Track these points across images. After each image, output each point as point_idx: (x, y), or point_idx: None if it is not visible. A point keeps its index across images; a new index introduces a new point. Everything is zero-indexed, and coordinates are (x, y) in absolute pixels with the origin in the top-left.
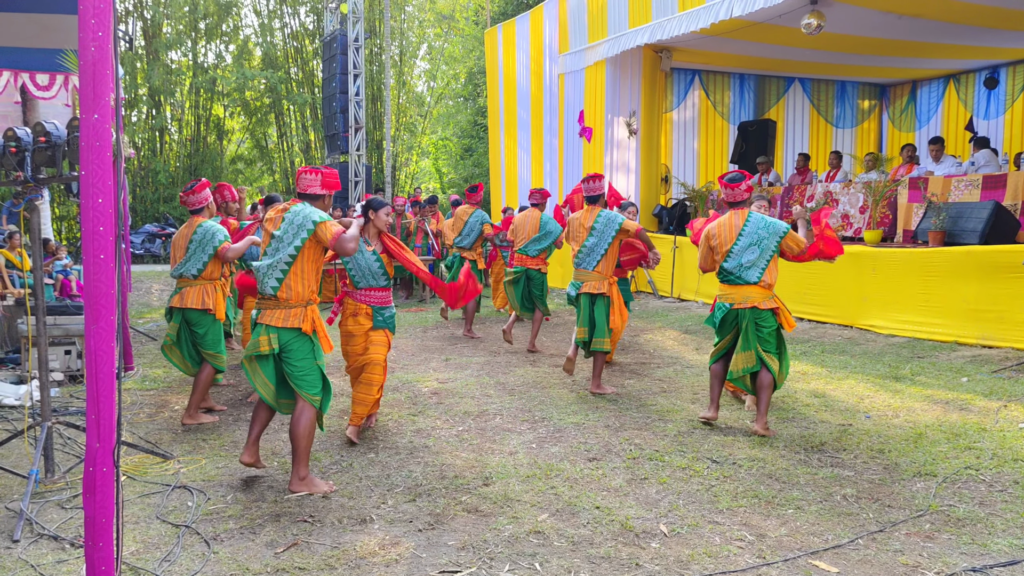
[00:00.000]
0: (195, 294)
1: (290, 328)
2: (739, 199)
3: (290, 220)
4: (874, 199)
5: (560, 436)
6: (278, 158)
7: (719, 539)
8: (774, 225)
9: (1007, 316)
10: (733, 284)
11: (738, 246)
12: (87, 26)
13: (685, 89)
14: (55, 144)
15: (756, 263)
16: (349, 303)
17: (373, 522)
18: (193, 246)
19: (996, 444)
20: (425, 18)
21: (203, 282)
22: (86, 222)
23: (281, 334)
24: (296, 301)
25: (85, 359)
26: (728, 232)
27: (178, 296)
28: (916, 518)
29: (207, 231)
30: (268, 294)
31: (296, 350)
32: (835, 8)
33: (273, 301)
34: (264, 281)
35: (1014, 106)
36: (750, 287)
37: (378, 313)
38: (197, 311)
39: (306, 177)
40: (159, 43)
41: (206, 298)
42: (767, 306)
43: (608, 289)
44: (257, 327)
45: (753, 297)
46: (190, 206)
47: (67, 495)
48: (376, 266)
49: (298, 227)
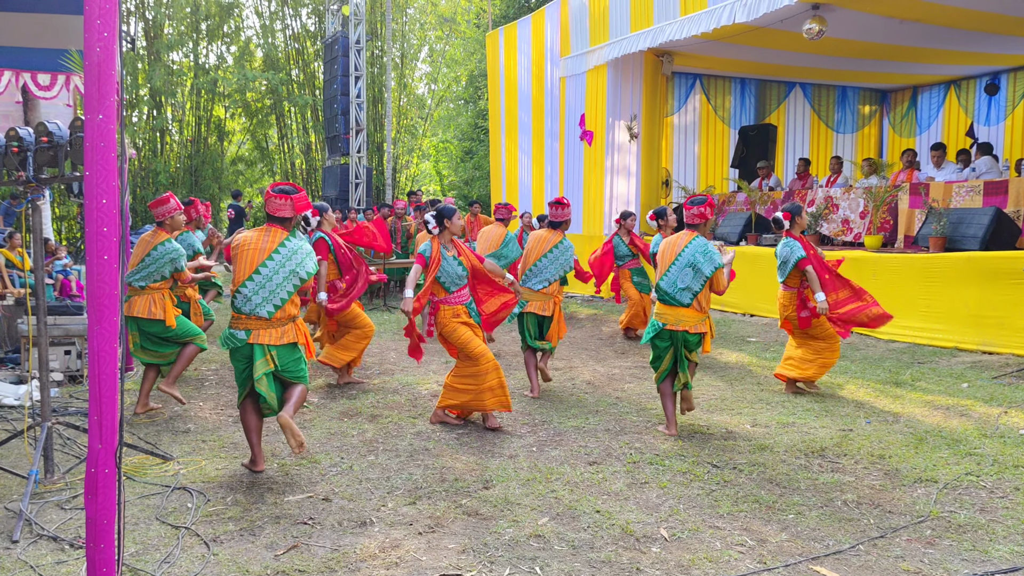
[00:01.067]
0: (143, 303)
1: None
2: (691, 221)
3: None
4: (875, 204)
5: (560, 440)
6: (279, 159)
7: (720, 544)
8: (713, 255)
9: (1007, 322)
10: (667, 304)
11: (675, 266)
12: (92, 27)
13: (686, 93)
14: (57, 144)
15: (690, 286)
16: (446, 309)
17: (373, 525)
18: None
19: (997, 450)
20: (427, 21)
21: (151, 292)
22: (90, 223)
23: (279, 351)
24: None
25: (88, 360)
26: (671, 251)
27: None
28: (917, 524)
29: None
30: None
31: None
32: (837, 13)
33: (266, 322)
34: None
35: (1015, 112)
36: (683, 309)
37: (471, 309)
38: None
39: (275, 201)
40: (160, 44)
41: (153, 307)
42: (699, 329)
43: (553, 309)
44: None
45: (685, 320)
46: (157, 217)
47: (67, 496)
48: (460, 270)
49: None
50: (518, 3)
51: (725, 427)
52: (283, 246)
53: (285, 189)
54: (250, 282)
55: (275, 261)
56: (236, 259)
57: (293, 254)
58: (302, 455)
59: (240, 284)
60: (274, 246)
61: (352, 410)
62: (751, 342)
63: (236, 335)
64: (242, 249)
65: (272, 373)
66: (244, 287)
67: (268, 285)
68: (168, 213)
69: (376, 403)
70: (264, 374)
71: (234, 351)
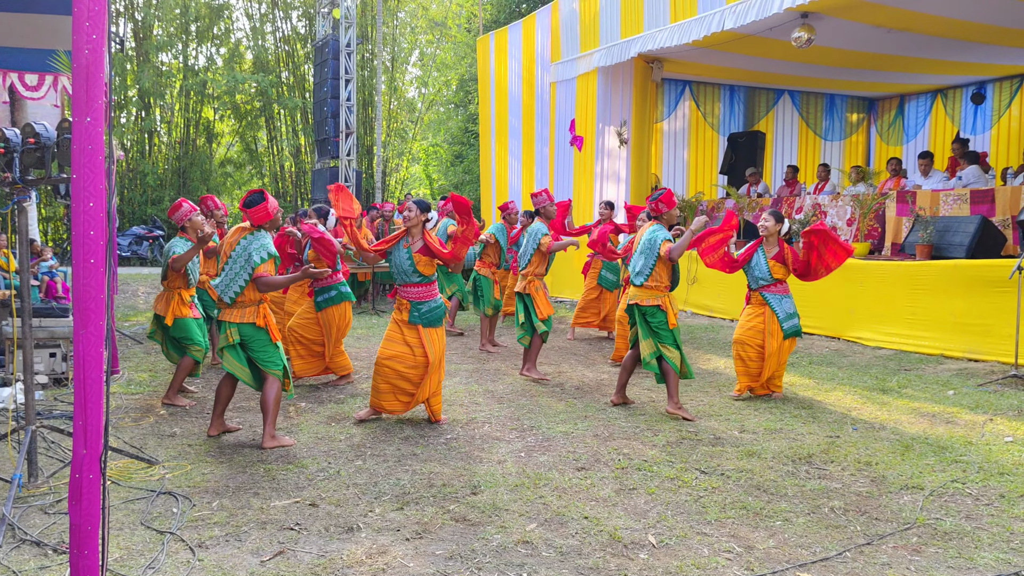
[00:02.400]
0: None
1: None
2: (654, 212)
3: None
4: (862, 212)
5: (549, 445)
6: (268, 162)
7: (707, 550)
8: (656, 239)
9: (993, 330)
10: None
11: (635, 252)
12: (81, 29)
13: (676, 100)
14: (44, 145)
15: (642, 270)
16: (397, 298)
17: (360, 530)
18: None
19: (982, 457)
20: (417, 24)
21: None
22: (76, 226)
23: (240, 328)
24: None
25: (73, 364)
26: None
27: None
28: (903, 531)
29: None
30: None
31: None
32: (825, 22)
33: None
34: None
35: (1000, 121)
36: (637, 288)
37: (418, 308)
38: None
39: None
40: (150, 45)
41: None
42: (650, 303)
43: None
44: (221, 325)
45: (638, 296)
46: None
47: (50, 500)
48: (407, 264)
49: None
50: (509, 8)
51: (713, 433)
52: (241, 243)
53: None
54: (222, 274)
55: (232, 258)
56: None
57: (244, 249)
58: (288, 461)
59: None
60: (238, 239)
61: (340, 414)
62: None
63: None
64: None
65: (238, 350)
66: (217, 279)
67: (227, 275)
68: (185, 216)
69: (364, 407)
70: (224, 348)
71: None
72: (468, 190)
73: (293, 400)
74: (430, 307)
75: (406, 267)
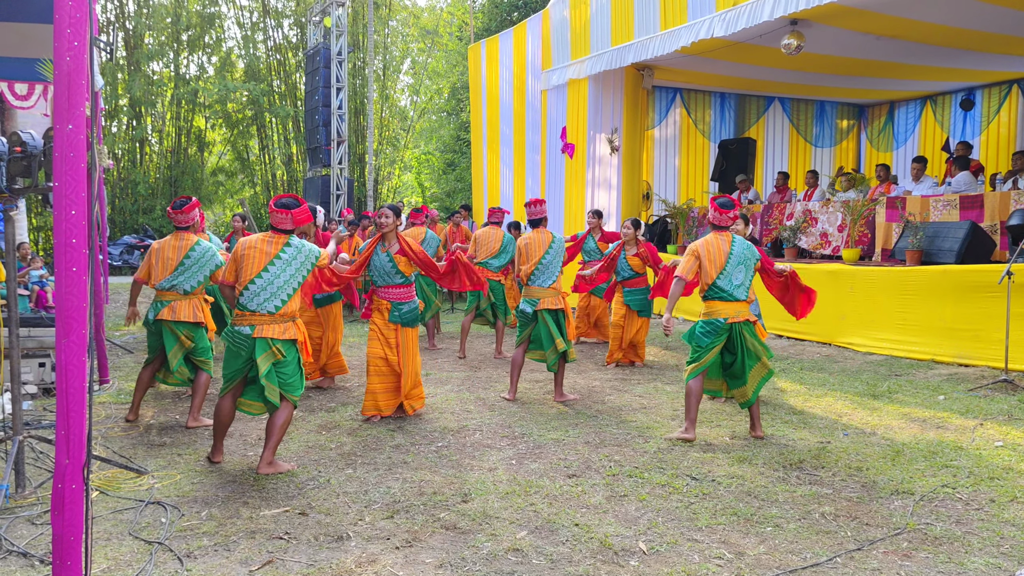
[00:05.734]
0: (187, 308)
1: (287, 339)
2: (724, 223)
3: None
4: (852, 218)
5: (540, 452)
6: (259, 170)
7: (698, 557)
8: (752, 248)
9: (983, 335)
10: (726, 301)
11: (729, 265)
12: (62, 35)
13: (667, 107)
14: (31, 154)
15: (744, 282)
16: (375, 299)
17: (350, 539)
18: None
19: (972, 462)
20: (409, 33)
21: (194, 297)
22: (59, 234)
23: (284, 345)
24: (289, 316)
25: (56, 373)
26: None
27: (168, 309)
28: (893, 536)
29: (206, 252)
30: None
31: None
32: (814, 29)
33: (270, 317)
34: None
35: (989, 127)
36: (740, 303)
37: (399, 308)
38: (190, 323)
39: (276, 215)
40: (141, 54)
41: (197, 312)
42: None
43: (564, 303)
44: (262, 342)
45: (743, 312)
46: (179, 224)
47: (38, 511)
48: (389, 266)
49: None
50: (500, 16)
51: (704, 439)
52: (285, 249)
53: (286, 203)
54: (259, 279)
55: (279, 263)
56: (242, 261)
57: (296, 255)
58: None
59: (248, 283)
60: (277, 250)
61: (330, 423)
62: None
63: (241, 331)
64: (248, 252)
65: (272, 372)
66: (252, 284)
67: (274, 284)
68: (195, 218)
69: (355, 416)
70: (271, 367)
71: (233, 347)
72: (460, 198)
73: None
74: (410, 307)
75: (388, 269)
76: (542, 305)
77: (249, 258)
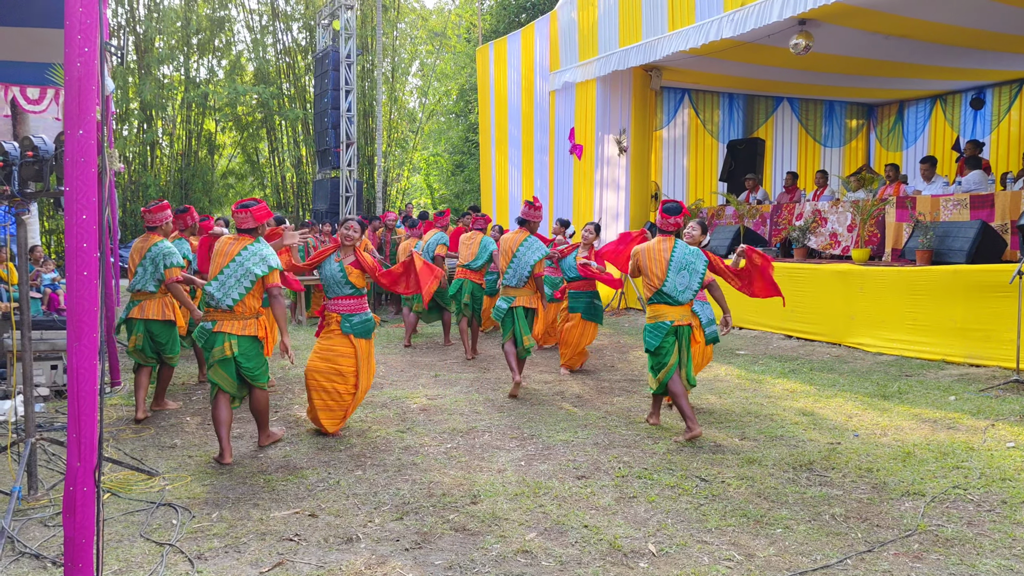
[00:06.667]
0: (155, 306)
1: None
2: (667, 228)
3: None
4: (862, 218)
5: (549, 454)
6: (269, 173)
7: (708, 559)
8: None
9: (993, 335)
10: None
11: (671, 270)
12: (73, 41)
13: (675, 107)
14: (42, 158)
15: (690, 285)
16: (326, 313)
17: (359, 541)
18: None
19: (984, 463)
20: (417, 35)
21: (162, 296)
22: (70, 238)
23: (240, 341)
24: (250, 313)
25: (67, 377)
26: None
27: (138, 308)
28: (904, 538)
29: (160, 251)
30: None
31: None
32: (823, 28)
33: (229, 313)
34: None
35: (1000, 126)
36: (683, 307)
37: (349, 320)
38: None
39: (238, 215)
40: (151, 58)
41: (166, 309)
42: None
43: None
44: (217, 336)
45: (687, 316)
46: (148, 223)
47: (50, 512)
48: (340, 275)
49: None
50: (508, 18)
51: (713, 440)
52: (245, 250)
53: (245, 203)
54: (215, 280)
55: (236, 262)
56: (213, 260)
57: (252, 256)
58: (289, 474)
59: (208, 283)
60: (238, 250)
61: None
62: (739, 355)
63: (205, 326)
64: (218, 249)
65: (231, 363)
66: (214, 281)
67: (229, 281)
68: (164, 219)
69: (364, 417)
70: (217, 361)
71: (204, 346)
72: (469, 199)
73: (294, 411)
74: (361, 319)
75: (338, 278)
76: (516, 303)
77: (217, 256)
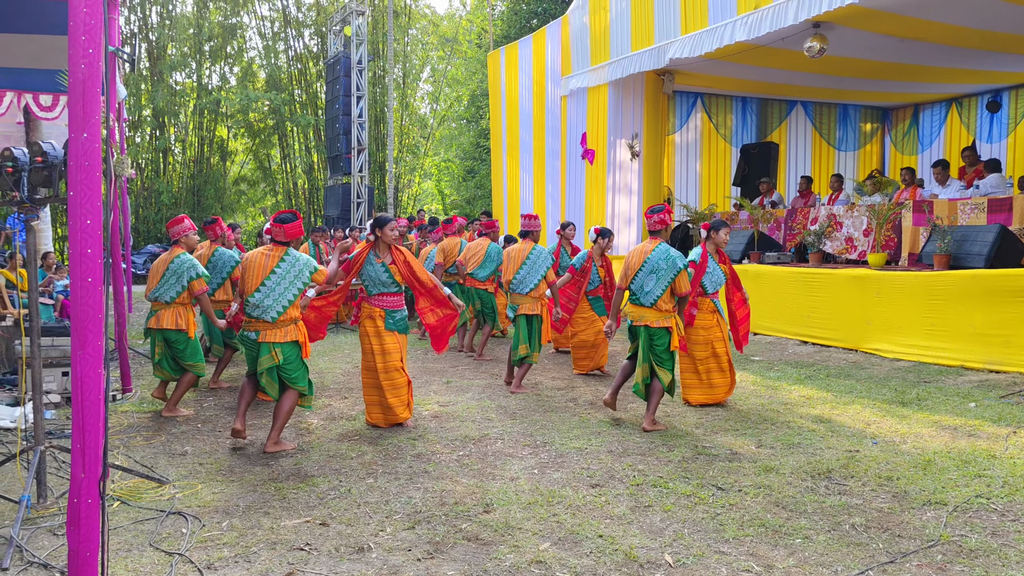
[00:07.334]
0: (170, 316)
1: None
2: (652, 228)
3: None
4: (878, 222)
5: (562, 462)
6: (281, 179)
7: (725, 570)
8: (674, 260)
9: (1013, 340)
10: (634, 304)
11: (642, 271)
12: (77, 43)
13: (687, 112)
14: (51, 164)
15: (653, 289)
16: (365, 306)
17: (371, 551)
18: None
19: (1007, 471)
20: (428, 41)
21: (177, 306)
22: (74, 244)
23: (283, 348)
24: (289, 321)
25: (71, 385)
26: (638, 258)
27: (155, 318)
28: (927, 549)
29: (183, 263)
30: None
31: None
32: (837, 31)
33: (272, 324)
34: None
35: (1017, 129)
36: (646, 308)
37: (392, 316)
38: (173, 331)
39: (274, 229)
40: (164, 65)
41: (179, 319)
42: (659, 324)
43: (541, 309)
44: (263, 346)
45: (647, 317)
46: (172, 236)
47: (59, 521)
48: (384, 276)
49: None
50: (520, 23)
51: (729, 448)
52: (283, 261)
53: (282, 217)
54: (258, 292)
55: (276, 276)
56: (245, 273)
57: (292, 267)
58: (299, 481)
59: (249, 294)
60: (274, 263)
61: (352, 432)
62: (755, 360)
63: (248, 335)
64: (248, 266)
65: (275, 370)
66: (252, 297)
67: (272, 295)
68: (183, 232)
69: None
70: (267, 369)
71: (246, 347)
72: (480, 205)
73: (308, 416)
74: (402, 315)
75: (383, 278)
76: (521, 310)
77: (250, 271)
